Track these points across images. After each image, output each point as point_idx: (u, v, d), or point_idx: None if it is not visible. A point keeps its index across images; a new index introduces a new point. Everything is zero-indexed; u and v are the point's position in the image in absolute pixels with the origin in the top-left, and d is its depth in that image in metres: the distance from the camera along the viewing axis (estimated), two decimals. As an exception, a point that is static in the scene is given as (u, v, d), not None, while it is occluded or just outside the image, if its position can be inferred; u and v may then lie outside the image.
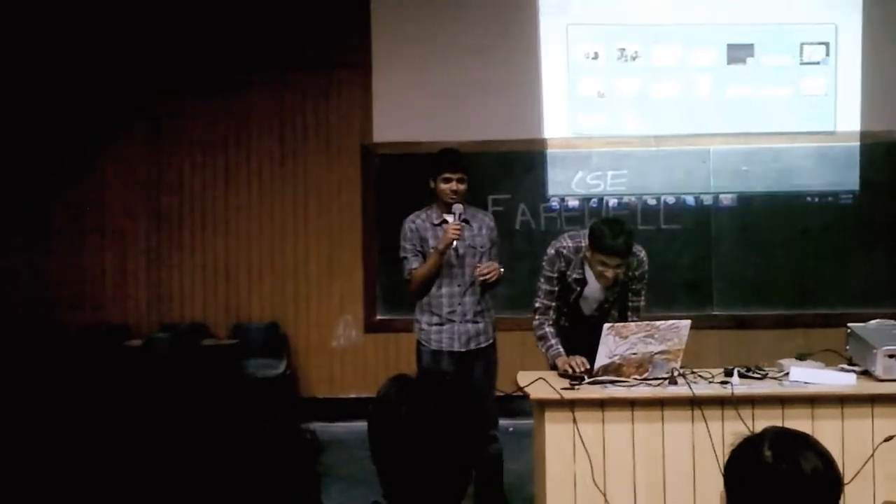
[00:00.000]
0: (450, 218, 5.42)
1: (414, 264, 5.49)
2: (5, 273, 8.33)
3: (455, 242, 5.32)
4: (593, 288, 5.01)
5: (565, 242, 5.06)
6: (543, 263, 5.08)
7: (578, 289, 5.04)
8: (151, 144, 8.40)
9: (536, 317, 5.08)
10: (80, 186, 8.39)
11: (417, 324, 5.58)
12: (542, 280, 5.08)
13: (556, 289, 5.04)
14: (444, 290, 5.45)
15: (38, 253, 8.37)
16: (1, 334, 7.83)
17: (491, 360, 5.58)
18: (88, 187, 8.41)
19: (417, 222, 5.52)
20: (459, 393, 2.09)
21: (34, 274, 8.36)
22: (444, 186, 5.41)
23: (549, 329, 5.01)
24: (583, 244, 4.94)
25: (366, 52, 8.26)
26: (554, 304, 5.06)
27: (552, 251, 5.06)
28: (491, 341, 5.58)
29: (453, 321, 5.45)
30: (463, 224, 5.39)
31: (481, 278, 5.37)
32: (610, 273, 4.79)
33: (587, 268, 4.95)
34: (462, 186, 5.41)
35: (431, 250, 5.43)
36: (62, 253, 8.40)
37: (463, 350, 5.47)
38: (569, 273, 5.01)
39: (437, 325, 5.48)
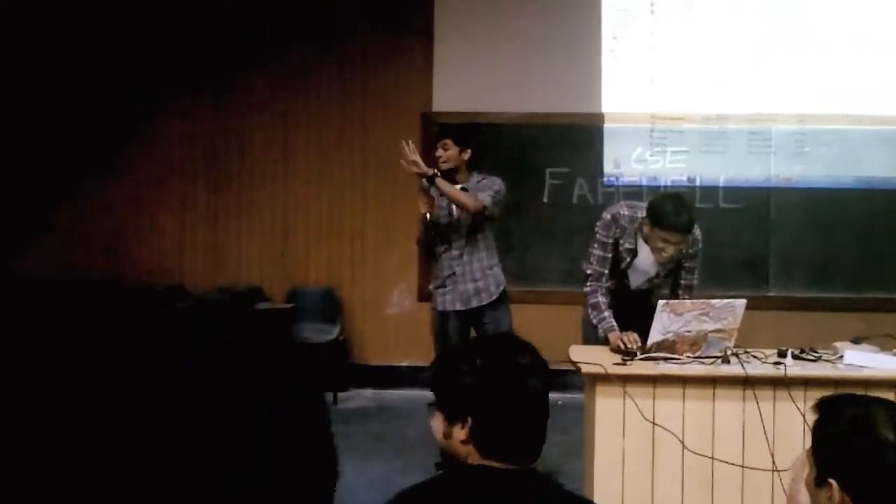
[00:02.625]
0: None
1: None
2: (63, 231, 8.48)
3: (428, 214, 5.58)
4: (644, 261, 4.95)
5: (622, 210, 4.98)
6: (598, 228, 5.00)
7: (628, 259, 4.97)
8: (213, 108, 8.47)
9: (589, 283, 4.99)
10: (141, 148, 8.50)
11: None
12: (596, 245, 4.99)
13: (610, 255, 4.96)
14: (444, 254, 5.66)
15: (98, 212, 8.50)
16: (58, 292, 7.97)
17: (498, 315, 5.69)
18: (150, 149, 8.51)
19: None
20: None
21: (92, 232, 8.50)
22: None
23: (602, 299, 4.92)
24: (639, 215, 4.87)
25: (428, 20, 8.26)
26: (607, 270, 4.97)
27: (608, 216, 4.98)
28: (494, 297, 5.67)
29: (455, 282, 5.61)
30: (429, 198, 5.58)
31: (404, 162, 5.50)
32: (671, 250, 4.73)
33: (640, 239, 4.90)
34: (446, 152, 5.63)
35: None
36: (121, 213, 8.53)
37: (465, 308, 5.64)
38: (621, 241, 4.95)
39: (440, 286, 5.68)
